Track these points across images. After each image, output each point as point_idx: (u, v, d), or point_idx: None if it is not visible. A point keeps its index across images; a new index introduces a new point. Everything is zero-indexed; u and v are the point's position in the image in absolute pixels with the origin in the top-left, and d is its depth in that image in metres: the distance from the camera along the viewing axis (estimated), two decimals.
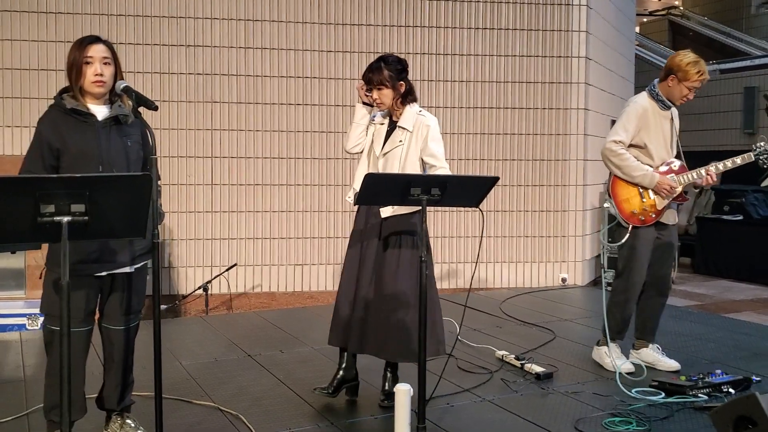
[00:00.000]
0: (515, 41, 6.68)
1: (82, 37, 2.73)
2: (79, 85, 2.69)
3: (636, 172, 3.80)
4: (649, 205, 3.85)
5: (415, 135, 3.26)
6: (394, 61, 3.30)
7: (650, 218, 3.86)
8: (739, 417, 2.65)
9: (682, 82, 3.79)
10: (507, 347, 4.32)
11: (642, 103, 3.88)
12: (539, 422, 3.19)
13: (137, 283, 2.87)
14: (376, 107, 3.39)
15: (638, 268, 3.87)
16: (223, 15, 6.18)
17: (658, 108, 3.89)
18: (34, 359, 4.15)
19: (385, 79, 3.24)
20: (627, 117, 3.85)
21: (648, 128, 3.85)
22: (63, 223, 2.12)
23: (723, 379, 3.55)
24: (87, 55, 2.67)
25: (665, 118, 3.91)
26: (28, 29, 5.89)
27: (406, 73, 3.33)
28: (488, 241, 6.69)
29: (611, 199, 3.89)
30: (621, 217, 3.87)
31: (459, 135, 6.60)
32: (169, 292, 6.11)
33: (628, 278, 3.90)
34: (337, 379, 3.40)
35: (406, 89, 3.29)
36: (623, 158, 3.81)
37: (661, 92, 3.88)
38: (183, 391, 3.57)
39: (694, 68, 3.77)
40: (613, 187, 3.90)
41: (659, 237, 3.93)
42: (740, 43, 18.06)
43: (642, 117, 3.84)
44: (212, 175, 6.20)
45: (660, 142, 3.89)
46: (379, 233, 3.30)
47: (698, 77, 3.79)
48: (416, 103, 3.36)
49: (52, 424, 2.77)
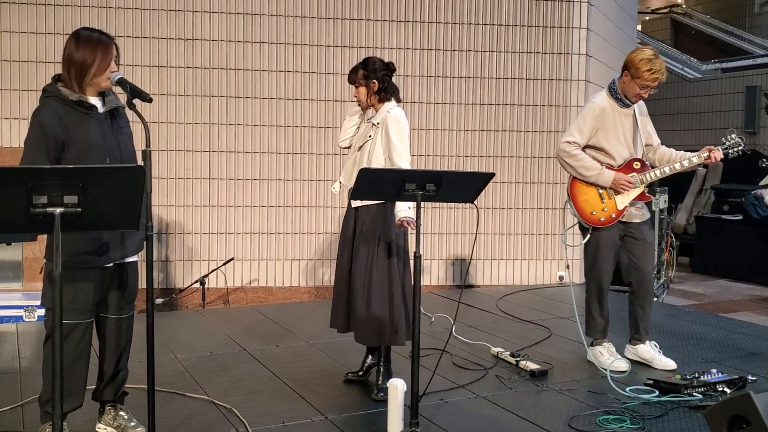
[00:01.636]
0: (515, 37, 6.66)
1: (98, 37, 2.71)
2: (87, 82, 2.69)
3: (589, 172, 3.76)
4: (608, 205, 3.81)
5: (381, 129, 3.43)
6: (373, 62, 3.51)
7: (610, 218, 3.81)
8: (733, 416, 2.64)
9: (634, 79, 3.66)
10: (503, 344, 4.32)
11: (599, 103, 3.79)
12: (533, 419, 3.18)
13: (135, 273, 2.92)
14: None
15: (602, 267, 3.88)
16: (222, 9, 6.17)
17: (617, 106, 3.79)
18: (29, 351, 4.15)
19: (359, 78, 3.49)
20: (583, 118, 3.79)
21: (606, 128, 3.76)
22: (56, 214, 2.12)
23: (718, 378, 3.54)
24: (111, 56, 2.71)
25: (626, 116, 3.81)
26: (27, 20, 5.88)
27: (386, 73, 3.50)
28: (486, 238, 6.69)
29: (570, 199, 3.88)
30: (580, 219, 3.87)
31: (457, 131, 6.59)
32: (166, 286, 6.12)
33: (593, 278, 3.93)
34: (367, 364, 3.64)
35: (378, 87, 3.46)
36: (577, 158, 3.76)
37: (620, 89, 3.78)
38: (177, 384, 3.57)
39: (646, 66, 3.62)
40: (572, 188, 3.89)
41: (630, 236, 3.89)
42: (742, 42, 18.03)
43: (599, 117, 3.75)
44: (210, 169, 6.20)
45: (620, 141, 3.80)
46: (355, 223, 3.50)
47: (649, 75, 3.62)
48: (394, 102, 3.51)
49: (46, 416, 2.78)
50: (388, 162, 3.44)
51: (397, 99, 3.55)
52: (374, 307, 3.37)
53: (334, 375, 3.75)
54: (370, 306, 3.38)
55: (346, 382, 3.64)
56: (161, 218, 6.11)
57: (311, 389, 3.52)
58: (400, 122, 3.42)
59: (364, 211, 3.46)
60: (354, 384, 3.62)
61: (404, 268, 3.49)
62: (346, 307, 3.51)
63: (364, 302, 3.39)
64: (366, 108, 3.59)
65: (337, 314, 3.57)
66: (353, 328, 3.48)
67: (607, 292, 3.99)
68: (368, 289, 3.39)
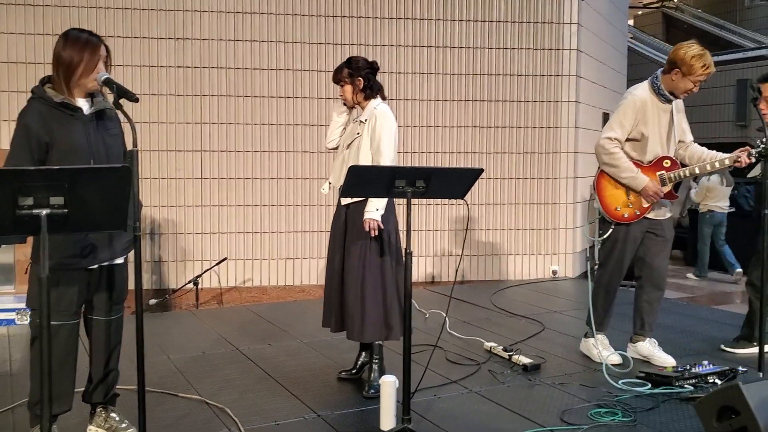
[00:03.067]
0: (506, 33, 6.66)
1: (86, 38, 2.69)
2: (74, 82, 2.68)
3: (625, 173, 3.72)
4: (633, 202, 3.79)
5: (368, 126, 3.45)
6: (357, 60, 3.54)
7: (634, 215, 3.80)
8: (722, 407, 2.66)
9: (687, 76, 3.64)
10: (496, 339, 4.32)
11: (641, 96, 3.73)
12: (525, 413, 3.19)
13: (123, 274, 2.89)
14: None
15: (618, 262, 3.86)
16: (212, 7, 6.15)
17: (658, 101, 3.75)
18: (21, 353, 4.14)
19: (344, 77, 3.52)
20: (624, 111, 3.72)
21: (646, 122, 3.72)
22: (42, 215, 2.11)
23: (709, 369, 3.55)
24: (99, 57, 2.69)
25: (664, 112, 3.78)
26: (15, 22, 5.85)
27: (370, 71, 3.53)
28: (479, 234, 6.69)
29: (596, 193, 3.86)
30: (604, 213, 3.85)
31: (450, 128, 6.59)
32: (159, 287, 6.10)
33: (606, 271, 3.90)
34: (360, 362, 3.67)
35: (364, 84, 3.50)
36: (615, 158, 3.72)
37: (664, 85, 3.72)
38: (170, 384, 3.57)
39: (700, 62, 3.62)
40: (599, 181, 3.86)
41: (652, 232, 3.87)
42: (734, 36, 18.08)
43: (640, 110, 3.71)
44: (201, 168, 6.18)
45: (656, 137, 3.76)
46: (345, 220, 3.51)
47: (703, 71, 3.64)
48: (380, 99, 3.53)
49: (35, 418, 2.77)
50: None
51: (382, 96, 3.56)
52: (368, 303, 3.37)
53: (327, 373, 3.75)
54: (364, 303, 3.38)
55: (340, 380, 3.64)
56: (153, 219, 6.09)
57: (304, 388, 3.52)
58: (387, 118, 3.43)
59: (354, 208, 3.46)
60: (347, 382, 3.63)
61: (396, 264, 3.49)
62: (339, 306, 3.51)
63: (358, 299, 3.39)
64: (352, 107, 3.61)
65: (329, 313, 3.56)
66: (346, 326, 3.48)
67: (618, 288, 3.96)
68: (362, 286, 3.39)
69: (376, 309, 3.38)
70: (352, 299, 3.40)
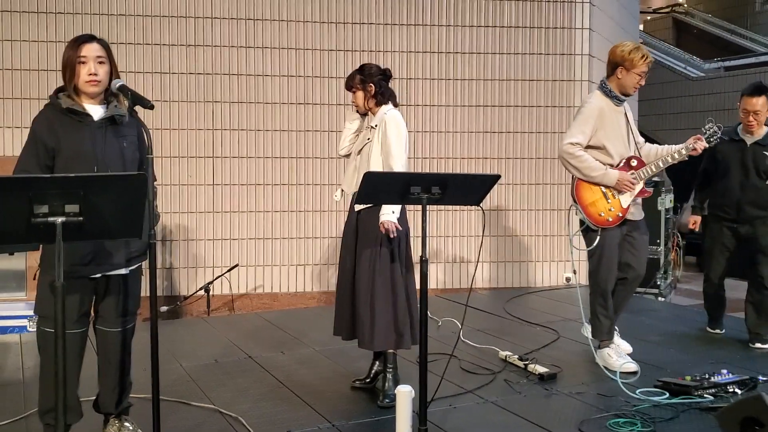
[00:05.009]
0: (518, 39, 6.63)
1: (76, 36, 2.70)
2: (73, 85, 2.66)
3: (594, 172, 3.81)
4: (614, 205, 3.86)
5: (378, 131, 3.44)
6: (369, 67, 3.54)
7: (617, 218, 3.87)
8: (745, 418, 2.60)
9: (631, 70, 3.81)
10: (511, 347, 4.28)
11: (597, 103, 3.87)
12: (542, 424, 3.14)
13: (132, 285, 2.84)
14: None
15: (607, 267, 3.90)
16: (224, 14, 6.15)
17: (612, 105, 3.89)
18: (33, 361, 4.12)
19: (356, 83, 3.54)
20: (583, 118, 3.84)
21: (605, 127, 3.84)
22: (57, 223, 2.09)
23: (729, 379, 3.50)
24: (81, 54, 2.64)
25: (620, 114, 3.92)
26: (27, 29, 5.87)
27: (382, 78, 3.53)
28: (492, 241, 6.65)
29: (577, 203, 3.88)
30: (589, 221, 3.87)
31: (462, 133, 6.56)
32: (170, 293, 6.09)
33: (599, 278, 3.93)
34: (374, 371, 3.61)
35: (375, 91, 3.49)
36: (581, 159, 3.80)
37: (613, 88, 3.88)
38: (182, 392, 3.54)
39: (638, 54, 3.80)
40: (577, 190, 3.90)
41: (630, 235, 3.95)
42: (744, 41, 17.99)
43: (598, 117, 3.83)
44: (213, 175, 6.17)
45: (618, 139, 3.88)
46: (356, 227, 3.49)
47: (644, 61, 3.81)
48: (391, 105, 3.52)
49: (47, 428, 2.74)
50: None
51: (394, 103, 3.55)
52: (378, 311, 3.34)
53: (340, 382, 3.72)
54: (373, 311, 3.35)
55: (353, 390, 3.61)
56: (165, 225, 6.09)
57: (318, 397, 3.49)
58: (396, 122, 3.42)
59: (365, 214, 3.44)
60: (361, 391, 3.59)
61: (407, 271, 3.46)
62: (350, 314, 3.48)
63: (368, 307, 3.36)
64: (364, 113, 3.59)
65: (341, 321, 3.53)
66: (357, 334, 3.45)
67: (611, 292, 3.98)
68: (372, 294, 3.36)
69: (386, 317, 3.35)
70: (362, 307, 3.38)
